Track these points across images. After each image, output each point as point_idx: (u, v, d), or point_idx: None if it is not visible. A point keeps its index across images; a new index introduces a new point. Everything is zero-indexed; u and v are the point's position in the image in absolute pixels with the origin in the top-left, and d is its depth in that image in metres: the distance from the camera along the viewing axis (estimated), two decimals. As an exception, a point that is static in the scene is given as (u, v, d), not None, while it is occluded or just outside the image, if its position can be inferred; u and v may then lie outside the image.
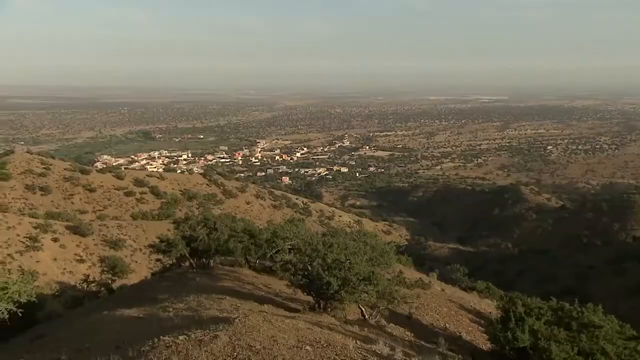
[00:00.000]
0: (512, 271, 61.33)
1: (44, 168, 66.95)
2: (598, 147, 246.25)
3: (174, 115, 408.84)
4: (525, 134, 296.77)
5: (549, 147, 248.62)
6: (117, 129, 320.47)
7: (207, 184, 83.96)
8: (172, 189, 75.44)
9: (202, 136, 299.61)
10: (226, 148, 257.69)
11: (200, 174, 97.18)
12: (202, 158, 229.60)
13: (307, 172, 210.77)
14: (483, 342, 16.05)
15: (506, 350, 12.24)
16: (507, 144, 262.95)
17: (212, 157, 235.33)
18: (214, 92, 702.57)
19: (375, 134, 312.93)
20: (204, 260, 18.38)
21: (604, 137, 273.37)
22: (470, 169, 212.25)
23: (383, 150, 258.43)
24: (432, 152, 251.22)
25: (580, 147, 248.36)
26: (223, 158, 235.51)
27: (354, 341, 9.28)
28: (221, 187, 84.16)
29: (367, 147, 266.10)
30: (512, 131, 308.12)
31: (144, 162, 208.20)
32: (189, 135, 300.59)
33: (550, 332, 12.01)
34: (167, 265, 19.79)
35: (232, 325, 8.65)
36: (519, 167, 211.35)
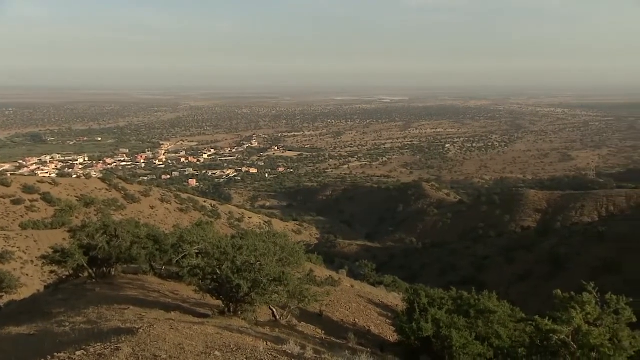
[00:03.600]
0: (416, 264, 64.48)
1: None
2: (490, 144, 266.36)
3: (68, 116, 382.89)
4: (425, 133, 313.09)
5: (446, 145, 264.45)
6: (0, 132, 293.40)
7: (107, 189, 79.42)
8: (68, 195, 70.40)
9: (100, 138, 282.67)
10: (127, 151, 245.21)
11: (99, 178, 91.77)
12: (101, 162, 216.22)
13: (215, 174, 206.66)
14: (391, 334, 16.68)
15: (412, 340, 12.81)
16: (409, 143, 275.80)
17: (112, 160, 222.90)
18: (114, 92, 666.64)
19: (284, 134, 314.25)
20: (105, 269, 17.29)
21: (495, 135, 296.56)
22: (376, 167, 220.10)
23: (292, 151, 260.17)
24: (339, 151, 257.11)
25: (474, 144, 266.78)
26: (124, 161, 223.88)
27: (265, 343, 9.22)
28: (122, 192, 79.96)
29: (276, 148, 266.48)
30: (413, 130, 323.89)
31: (34, 167, 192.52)
32: (85, 138, 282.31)
33: (451, 320, 12.73)
34: (63, 277, 18.35)
35: (135, 336, 8.21)
36: (421, 164, 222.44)
